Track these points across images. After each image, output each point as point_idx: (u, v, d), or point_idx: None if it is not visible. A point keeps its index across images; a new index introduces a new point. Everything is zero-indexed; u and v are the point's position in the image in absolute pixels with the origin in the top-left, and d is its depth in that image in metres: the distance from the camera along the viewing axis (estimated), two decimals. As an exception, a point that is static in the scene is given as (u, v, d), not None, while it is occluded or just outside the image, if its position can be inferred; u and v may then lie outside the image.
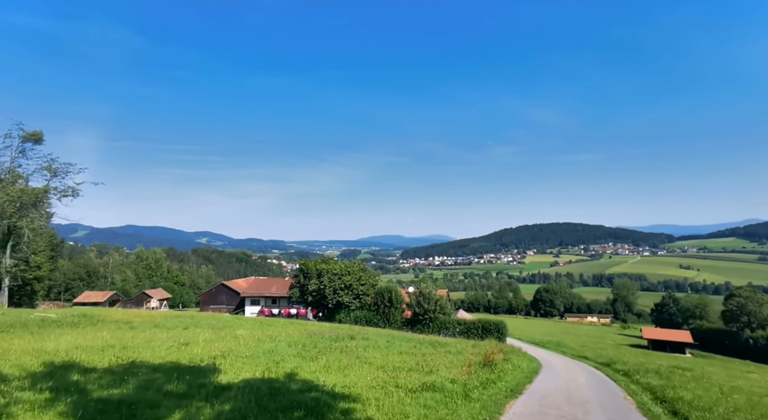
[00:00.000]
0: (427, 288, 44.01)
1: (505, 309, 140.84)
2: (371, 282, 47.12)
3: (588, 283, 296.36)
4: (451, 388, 12.85)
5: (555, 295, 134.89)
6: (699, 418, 11.85)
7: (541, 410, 12.60)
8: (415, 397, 11.63)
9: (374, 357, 18.31)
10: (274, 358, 16.80)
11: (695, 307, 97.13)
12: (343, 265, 47.93)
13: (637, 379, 20.41)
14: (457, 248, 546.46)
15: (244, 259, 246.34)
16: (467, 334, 38.64)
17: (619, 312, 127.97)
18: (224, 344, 19.84)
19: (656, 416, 12.83)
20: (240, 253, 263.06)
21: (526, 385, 16.74)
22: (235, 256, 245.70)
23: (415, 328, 41.29)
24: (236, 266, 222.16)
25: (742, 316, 70.26)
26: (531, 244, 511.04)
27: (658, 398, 15.48)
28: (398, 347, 22.40)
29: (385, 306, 43.00)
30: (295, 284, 49.37)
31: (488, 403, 12.40)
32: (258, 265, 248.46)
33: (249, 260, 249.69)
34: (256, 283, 66.89)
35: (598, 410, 13.31)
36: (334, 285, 44.12)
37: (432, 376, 14.71)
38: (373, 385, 12.70)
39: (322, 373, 14.18)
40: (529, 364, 23.08)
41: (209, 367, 13.87)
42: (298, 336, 24.45)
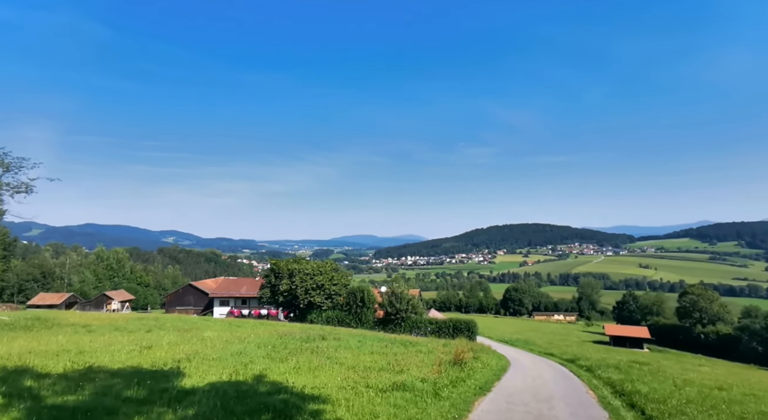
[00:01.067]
0: (399, 288, 44.16)
1: (476, 308, 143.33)
2: (343, 282, 46.86)
3: (555, 282, 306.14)
4: (421, 387, 12.95)
5: (524, 294, 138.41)
6: (654, 410, 12.46)
7: (508, 407, 12.89)
8: (385, 396, 11.65)
9: (345, 357, 18.22)
10: (242, 360, 16.45)
11: (653, 304, 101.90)
12: (315, 264, 47.44)
13: (598, 374, 21.24)
14: (430, 248, 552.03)
15: (213, 258, 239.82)
16: (439, 333, 38.99)
17: (584, 310, 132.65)
18: (190, 347, 19.25)
19: (615, 409, 13.40)
20: (209, 252, 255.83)
21: (495, 383, 17.08)
22: (203, 256, 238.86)
23: (387, 327, 41.35)
24: (205, 266, 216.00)
25: (695, 313, 74.31)
26: (501, 245, 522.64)
27: (618, 392, 16.17)
28: (370, 347, 22.39)
29: (357, 306, 42.85)
30: (266, 284, 48.48)
31: (457, 401, 12.57)
32: (228, 265, 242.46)
33: (218, 260, 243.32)
34: (225, 283, 65.24)
35: (563, 405, 13.75)
36: (306, 285, 43.60)
37: (403, 375, 14.78)
38: (343, 385, 12.64)
39: (292, 375, 13.99)
40: (498, 362, 23.58)
41: (173, 371, 13.40)
42: (268, 337, 24.01)
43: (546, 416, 12.04)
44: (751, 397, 15.69)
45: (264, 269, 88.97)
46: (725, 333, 65.97)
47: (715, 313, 73.21)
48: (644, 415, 12.38)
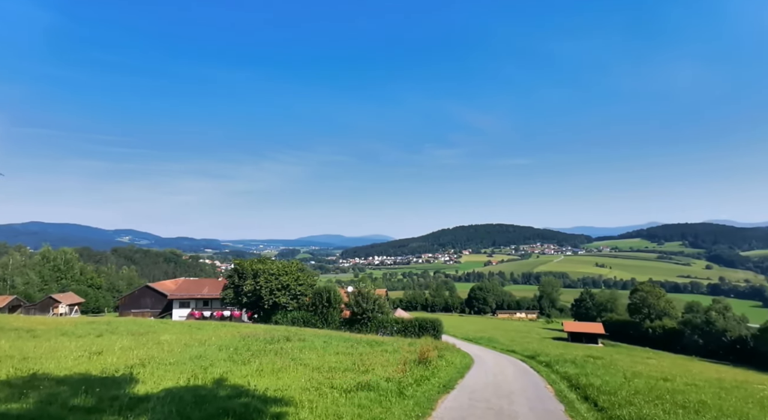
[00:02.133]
0: (366, 288, 44.13)
1: (442, 307, 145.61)
2: (309, 282, 46.29)
3: (518, 281, 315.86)
4: (386, 387, 12.98)
5: (488, 293, 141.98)
6: (605, 401, 13.11)
7: (470, 403, 13.15)
8: (349, 397, 11.60)
9: (310, 358, 18.00)
10: (201, 363, 15.89)
11: (607, 301, 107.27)
12: (280, 264, 46.56)
13: (556, 369, 22.10)
14: (397, 248, 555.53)
15: (173, 259, 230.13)
16: (405, 333, 39.27)
17: (545, 307, 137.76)
18: (145, 351, 18.37)
19: (570, 402, 13.99)
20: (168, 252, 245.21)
21: (459, 380, 17.37)
22: (162, 256, 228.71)
23: (353, 327, 41.21)
24: (164, 267, 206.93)
25: (644, 309, 78.89)
26: (467, 244, 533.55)
27: (574, 385, 16.89)
28: (335, 347, 22.22)
29: (323, 306, 42.45)
30: (229, 285, 47.10)
31: (421, 399, 12.70)
32: (189, 265, 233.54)
33: (179, 260, 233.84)
34: (186, 284, 62.80)
35: (522, 400, 14.19)
36: (271, 285, 42.74)
37: (368, 375, 14.76)
38: (307, 387, 12.47)
39: (254, 377, 13.65)
40: (462, 360, 24.02)
41: (125, 378, 12.75)
42: (230, 339, 23.32)
43: (506, 411, 12.38)
44: (693, 387, 16.81)
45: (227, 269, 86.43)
46: (670, 327, 70.39)
47: (661, 309, 77.95)
48: (596, 407, 13.01)
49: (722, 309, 66.02)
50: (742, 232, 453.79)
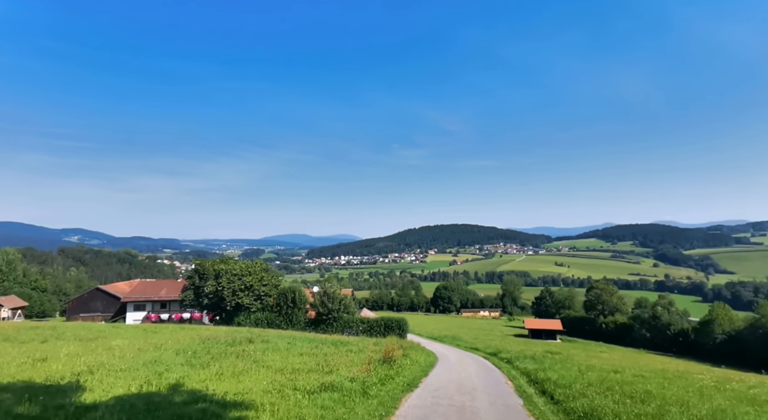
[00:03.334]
0: (332, 287, 43.77)
1: (408, 306, 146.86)
2: (274, 282, 45.37)
3: (482, 280, 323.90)
4: (350, 387, 12.93)
5: (453, 292, 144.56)
6: (561, 394, 13.70)
7: (434, 401, 13.33)
8: (313, 398, 11.45)
9: (273, 360, 17.64)
10: (156, 368, 15.19)
11: (565, 299, 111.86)
12: (244, 265, 45.35)
13: (517, 365, 22.83)
14: (363, 248, 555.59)
15: (128, 259, 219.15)
16: (370, 332, 39.31)
17: (507, 306, 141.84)
18: (94, 357, 17.35)
19: (529, 396, 14.51)
20: (123, 253, 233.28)
21: (422, 379, 17.56)
22: (116, 257, 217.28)
23: (319, 328, 40.82)
24: (117, 268, 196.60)
25: (598, 305, 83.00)
26: (432, 244, 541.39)
27: (532, 380, 17.52)
28: (299, 348, 21.91)
29: (288, 307, 41.73)
30: (189, 286, 45.37)
31: (385, 398, 12.74)
32: (146, 266, 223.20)
33: (134, 261, 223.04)
34: (141, 286, 59.90)
35: (484, 396, 14.54)
36: (234, 286, 41.55)
37: (332, 375, 14.65)
38: (269, 389, 12.20)
39: (213, 381, 13.22)
40: (427, 358, 24.33)
41: (71, 385, 11.99)
42: (188, 342, 22.47)
43: (468, 407, 12.64)
44: (640, 378, 17.86)
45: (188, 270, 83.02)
46: (621, 322, 74.41)
47: (614, 305, 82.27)
48: (552, 400, 13.56)
49: (667, 304, 70.45)
50: (685, 232, 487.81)
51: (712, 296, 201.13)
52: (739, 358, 49.10)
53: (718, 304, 63.60)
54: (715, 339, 55.94)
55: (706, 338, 57.58)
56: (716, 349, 54.83)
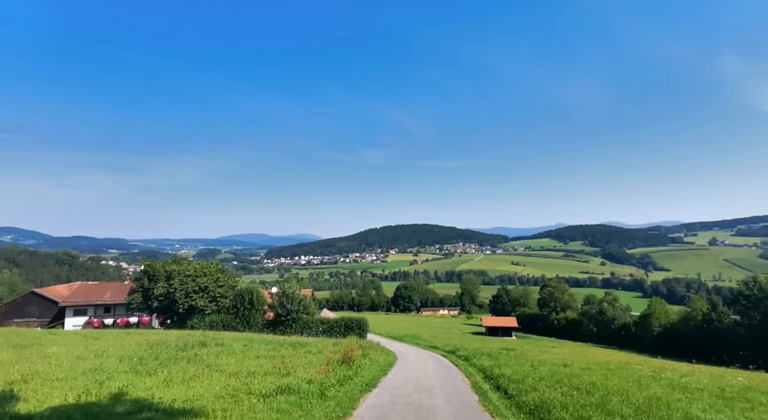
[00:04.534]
0: (291, 288, 42.95)
1: (368, 306, 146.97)
2: (231, 283, 43.83)
3: (441, 280, 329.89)
4: (307, 389, 12.69)
5: (413, 292, 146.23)
6: (514, 389, 14.17)
7: (392, 400, 13.36)
8: (268, 402, 11.13)
9: (227, 364, 17.01)
10: (97, 377, 14.18)
11: (520, 297, 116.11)
12: (198, 265, 43.46)
13: (474, 362, 23.38)
14: (324, 247, 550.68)
15: (67, 261, 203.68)
16: (330, 333, 38.94)
17: (465, 304, 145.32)
18: (28, 366, 15.96)
19: (484, 392, 14.88)
20: (62, 253, 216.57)
21: (381, 378, 17.57)
22: (54, 258, 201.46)
23: (277, 329, 39.92)
24: (56, 270, 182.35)
25: (551, 302, 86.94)
26: (393, 244, 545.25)
27: (488, 376, 18.00)
28: (256, 351, 21.29)
29: (245, 308, 40.47)
30: (137, 288, 42.86)
31: (343, 399, 12.61)
32: (88, 268, 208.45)
33: (75, 262, 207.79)
34: (83, 289, 55.87)
35: (441, 393, 14.75)
36: (187, 287, 39.72)
37: (289, 378, 14.34)
38: (222, 394, 11.74)
39: (161, 389, 12.52)
40: (386, 358, 24.39)
41: (4, 395, 10.98)
42: (134, 348, 21.20)
43: (425, 405, 12.77)
44: (586, 371, 18.84)
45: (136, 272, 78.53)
46: (572, 318, 78.27)
47: (565, 302, 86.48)
48: (506, 395, 14.00)
49: (612, 300, 74.92)
50: (628, 232, 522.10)
51: (650, 292, 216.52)
52: (673, 349, 53.03)
53: (656, 299, 68.37)
54: (653, 332, 60.08)
55: (645, 331, 61.68)
56: (654, 341, 58.90)
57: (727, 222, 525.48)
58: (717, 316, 51.44)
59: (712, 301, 56.93)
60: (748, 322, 46.58)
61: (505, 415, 11.58)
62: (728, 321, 50.34)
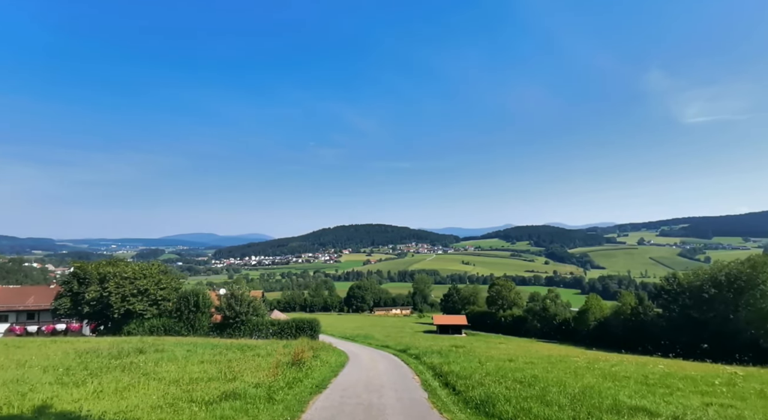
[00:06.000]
0: (240, 289, 41.42)
1: (321, 307, 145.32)
2: (174, 285, 41.52)
3: (394, 279, 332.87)
4: (254, 393, 12.29)
5: (366, 291, 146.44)
6: (462, 385, 14.59)
7: (342, 400, 13.26)
8: (211, 409, 10.64)
9: (167, 371, 16.06)
10: (19, 388, 12.89)
11: (470, 295, 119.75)
12: (137, 267, 40.76)
13: (424, 360, 23.77)
14: (276, 248, 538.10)
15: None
16: (281, 335, 38.09)
17: (418, 303, 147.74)
18: (-70, 381, 14.15)
19: (433, 389, 15.18)
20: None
21: (332, 379, 17.39)
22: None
23: (225, 332, 38.36)
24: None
25: (499, 300, 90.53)
26: (347, 244, 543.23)
27: (437, 374, 18.38)
28: (200, 356, 20.31)
29: (190, 311, 38.49)
30: (65, 293, 39.39)
31: (292, 402, 12.34)
32: (8, 270, 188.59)
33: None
34: (2, 293, 50.42)
35: (391, 392, 14.86)
36: (124, 291, 37.09)
37: (235, 382, 13.81)
38: (159, 404, 11.05)
39: (90, 400, 11.58)
40: (337, 358, 24.21)
41: None
42: (61, 357, 19.49)
43: (375, 404, 12.80)
44: (529, 364, 19.81)
45: (64, 274, 71.91)
46: (518, 315, 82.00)
47: (512, 300, 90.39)
48: (454, 391, 14.37)
49: (554, 297, 79.44)
50: (569, 233, 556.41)
51: (588, 289, 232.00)
52: (606, 341, 57.07)
53: (592, 295, 73.29)
54: (589, 326, 64.35)
55: (582, 325, 65.90)
56: (590, 334, 63.08)
57: (652, 223, 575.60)
58: (643, 309, 56.01)
59: (639, 296, 61.92)
60: (668, 314, 51.07)
61: (452, 411, 11.87)
62: (652, 314, 54.95)
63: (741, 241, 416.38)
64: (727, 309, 43.85)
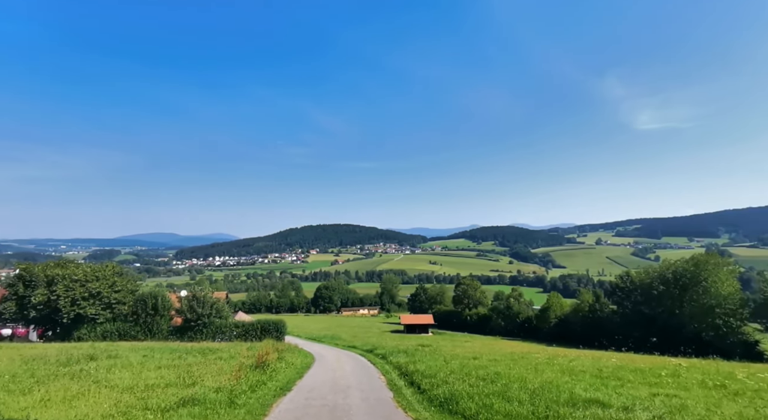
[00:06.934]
0: (203, 290, 40.03)
1: (288, 308, 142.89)
2: (130, 287, 39.61)
3: (362, 279, 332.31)
4: (214, 398, 11.92)
5: (334, 292, 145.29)
6: (427, 383, 14.77)
7: (306, 403, 13.10)
8: (167, 417, 10.25)
9: (120, 378, 15.29)
10: (-49, 402, 11.88)
11: (437, 294, 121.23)
12: (89, 268, 38.56)
13: (390, 359, 23.88)
14: (241, 248, 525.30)
15: None
16: (245, 337, 37.21)
17: (385, 303, 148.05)
18: None
19: (399, 389, 15.28)
20: None
21: (297, 381, 17.16)
22: None
23: (186, 336, 36.98)
24: None
25: (465, 299, 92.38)
26: (315, 244, 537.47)
27: (403, 373, 18.51)
28: (157, 361, 19.48)
29: (147, 314, 36.84)
30: (10, 296, 36.68)
31: (255, 406, 12.08)
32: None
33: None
34: (-66, 298, 46.36)
35: (357, 393, 14.83)
36: (74, 294, 34.99)
37: (194, 388, 13.34)
38: (111, 413, 10.51)
39: (37, 409, 10.88)
40: (303, 360, 23.90)
41: None
42: (6, 364, 18.18)
43: (340, 405, 12.73)
44: (493, 362, 20.32)
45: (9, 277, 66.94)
46: (483, 314, 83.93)
47: (477, 298, 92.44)
48: (420, 390, 14.53)
49: (517, 296, 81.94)
50: (533, 233, 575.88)
51: (549, 287, 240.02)
52: (566, 338, 59.49)
53: (553, 294, 76.10)
54: (550, 323, 66.82)
55: (544, 323, 68.34)
56: (551, 331, 65.52)
57: (609, 224, 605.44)
58: (599, 306, 58.79)
59: (596, 294, 64.94)
60: (622, 310, 53.89)
61: (416, 410, 11.99)
62: (608, 310, 57.76)
63: (686, 241, 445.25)
64: (673, 304, 46.73)
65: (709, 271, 45.44)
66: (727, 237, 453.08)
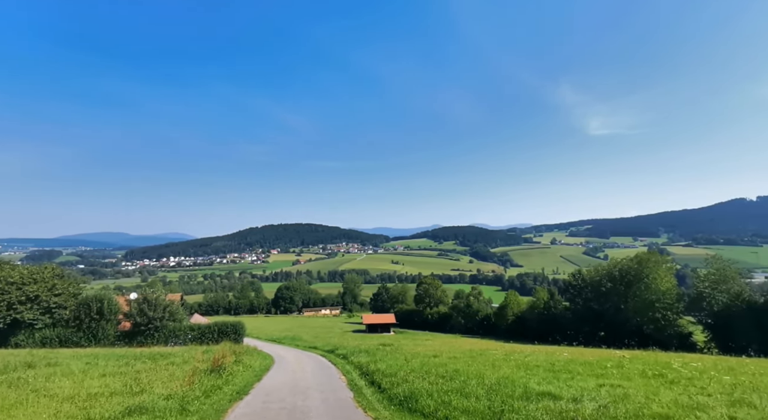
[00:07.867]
0: (154, 293, 38.03)
1: (247, 309, 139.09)
2: (72, 290, 36.96)
3: (324, 279, 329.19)
4: (164, 406, 11.36)
5: (295, 292, 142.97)
6: (387, 383, 14.84)
7: (264, 406, 12.78)
8: (112, 426, 9.63)
9: (61, 386, 14.24)
10: None
11: (399, 294, 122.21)
12: (26, 270, 35.64)
13: (351, 359, 23.80)
14: (198, 248, 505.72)
15: None
16: (201, 340, 35.79)
17: (347, 303, 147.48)
18: None
19: (359, 388, 15.25)
20: None
21: (255, 384, 16.73)
22: None
23: (135, 341, 35.01)
24: None
25: (426, 298, 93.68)
26: (275, 244, 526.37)
27: (364, 372, 18.50)
28: (102, 368, 18.32)
29: (91, 319, 34.53)
30: (-70, 302, 33.25)
31: (209, 412, 11.64)
32: None
33: None
34: None
35: (317, 394, 14.65)
36: (9, 298, 32.26)
37: (142, 396, 12.66)
38: (49, 425, 9.75)
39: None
40: (262, 362, 23.34)
41: None
42: None
43: (299, 407, 12.53)
44: (452, 359, 20.72)
45: (-69, 280, 60.49)
46: (443, 312, 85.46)
47: (438, 297, 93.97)
48: (380, 389, 14.56)
49: (477, 294, 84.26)
50: (492, 233, 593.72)
51: (508, 286, 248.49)
52: (522, 334, 61.72)
53: (511, 292, 78.75)
54: (508, 320, 69.07)
55: (502, 320, 70.53)
56: (509, 328, 67.73)
57: (563, 225, 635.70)
58: (554, 303, 61.48)
59: (551, 292, 67.89)
60: (574, 307, 56.60)
61: (376, 409, 12.00)
62: (561, 307, 60.49)
63: (631, 241, 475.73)
64: (619, 300, 49.69)
65: (650, 268, 48.63)
66: (666, 237, 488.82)
